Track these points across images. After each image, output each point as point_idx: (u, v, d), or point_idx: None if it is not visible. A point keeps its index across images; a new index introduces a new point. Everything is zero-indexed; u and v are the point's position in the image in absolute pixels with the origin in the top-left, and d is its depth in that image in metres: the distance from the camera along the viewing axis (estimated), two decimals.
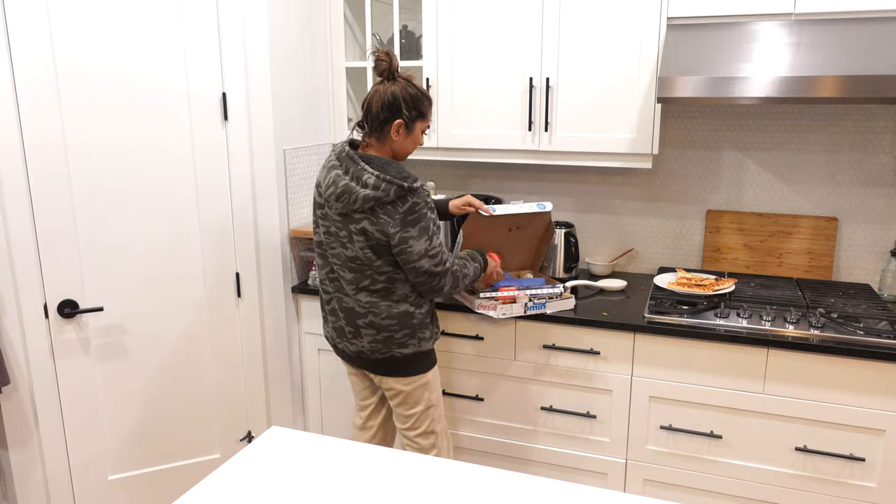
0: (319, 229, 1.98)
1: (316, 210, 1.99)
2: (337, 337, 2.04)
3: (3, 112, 1.96)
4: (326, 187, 1.89)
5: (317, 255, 2.04)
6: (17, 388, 2.13)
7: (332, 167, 1.90)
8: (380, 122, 1.87)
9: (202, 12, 2.15)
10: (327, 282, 2.01)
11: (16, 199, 2.02)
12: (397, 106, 1.85)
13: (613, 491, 1.28)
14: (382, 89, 1.86)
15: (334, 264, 1.96)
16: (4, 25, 1.92)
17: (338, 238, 1.91)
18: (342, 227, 1.89)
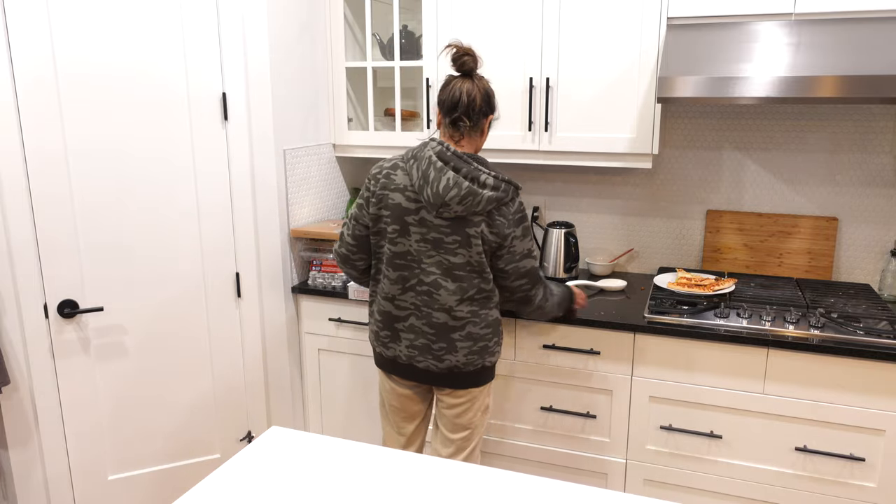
0: (409, 238, 1.82)
1: (402, 217, 1.82)
2: (419, 355, 1.90)
3: (4, 112, 1.96)
4: (444, 190, 1.75)
5: (388, 268, 1.87)
6: (17, 388, 2.13)
7: (439, 168, 1.76)
8: (481, 116, 1.86)
9: (202, 12, 2.15)
10: (404, 296, 1.87)
11: (16, 199, 2.02)
12: (493, 101, 1.88)
13: (613, 491, 1.28)
14: (478, 85, 1.83)
15: (430, 274, 1.83)
16: (4, 26, 1.92)
17: (442, 245, 1.81)
18: (452, 231, 1.79)
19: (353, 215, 1.94)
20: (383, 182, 1.84)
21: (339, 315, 2.54)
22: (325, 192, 2.73)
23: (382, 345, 1.96)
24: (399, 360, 1.94)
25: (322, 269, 2.55)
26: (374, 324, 1.98)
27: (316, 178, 2.66)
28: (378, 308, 1.94)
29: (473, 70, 1.85)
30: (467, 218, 1.78)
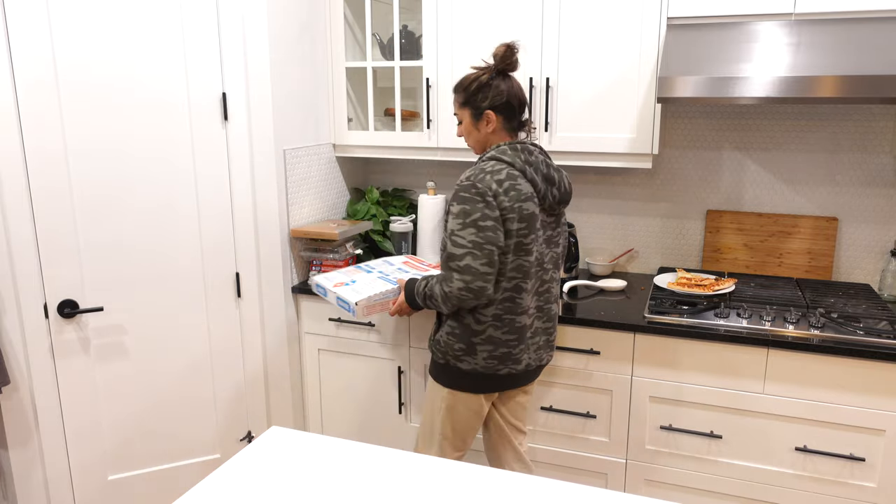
0: (537, 243, 1.81)
1: (533, 223, 1.77)
2: (536, 359, 1.92)
3: (4, 112, 1.96)
4: (569, 187, 1.91)
5: (526, 281, 1.79)
6: (17, 388, 2.13)
7: (555, 168, 1.87)
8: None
9: (202, 12, 2.15)
10: (532, 300, 1.85)
11: (16, 199, 2.02)
12: None
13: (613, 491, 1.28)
14: (518, 83, 1.87)
15: (548, 271, 1.89)
16: (4, 26, 1.92)
17: (552, 240, 1.90)
18: (556, 224, 1.92)
19: (483, 241, 1.70)
20: (513, 195, 1.73)
21: (340, 315, 2.54)
22: (325, 192, 2.73)
23: (515, 361, 1.86)
24: (528, 367, 1.91)
25: (322, 269, 2.55)
26: (503, 345, 1.83)
27: (316, 178, 2.66)
28: (510, 327, 1.82)
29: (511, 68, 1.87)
30: (560, 208, 1.92)
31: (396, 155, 2.67)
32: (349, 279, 2.12)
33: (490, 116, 1.82)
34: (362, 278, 2.13)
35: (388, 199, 2.91)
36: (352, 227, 2.56)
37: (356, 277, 2.13)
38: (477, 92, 1.82)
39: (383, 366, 2.52)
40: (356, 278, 2.12)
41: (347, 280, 2.10)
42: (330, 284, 2.08)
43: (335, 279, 2.13)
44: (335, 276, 2.18)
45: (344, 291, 2.02)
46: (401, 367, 2.49)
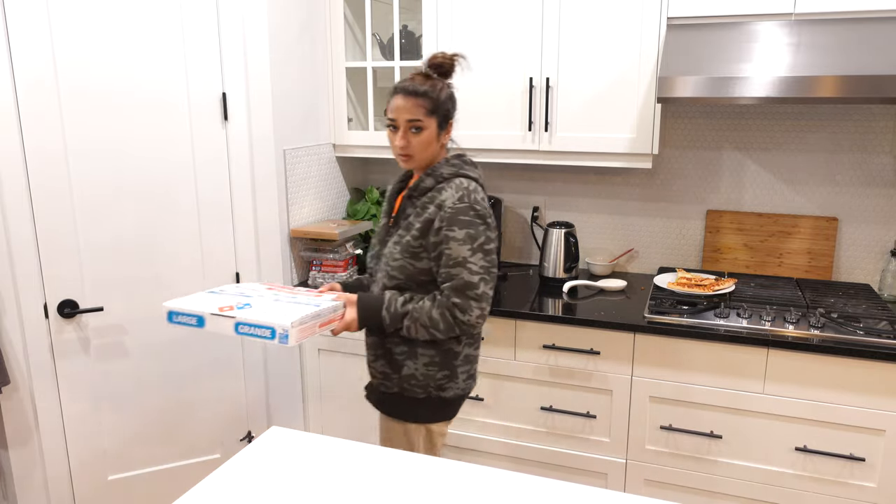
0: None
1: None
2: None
3: (4, 112, 1.96)
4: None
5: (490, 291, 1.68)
6: (17, 388, 2.13)
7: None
8: None
9: (202, 13, 2.15)
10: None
11: (16, 199, 2.02)
12: None
13: (613, 491, 1.28)
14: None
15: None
16: (5, 26, 1.92)
17: None
18: None
19: (490, 265, 1.65)
20: (491, 212, 1.70)
21: None
22: (325, 192, 2.73)
23: (473, 381, 1.83)
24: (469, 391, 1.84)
25: (322, 269, 2.55)
26: (475, 361, 1.80)
27: (316, 178, 2.66)
28: (477, 342, 1.80)
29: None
30: None
31: None
32: (235, 302, 1.64)
33: (448, 127, 1.72)
34: (253, 300, 1.68)
35: None
36: (352, 227, 2.56)
37: (241, 300, 1.66)
38: (448, 99, 1.69)
39: None
40: (243, 301, 1.66)
41: (235, 303, 1.64)
42: (212, 308, 1.60)
43: (210, 302, 1.64)
44: (203, 299, 1.66)
45: (257, 315, 1.56)
46: None
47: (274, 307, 1.60)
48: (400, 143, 1.66)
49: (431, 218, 1.64)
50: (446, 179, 1.68)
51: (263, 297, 1.67)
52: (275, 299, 1.66)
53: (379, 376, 1.77)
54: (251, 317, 1.54)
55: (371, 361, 1.80)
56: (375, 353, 1.78)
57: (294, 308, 1.59)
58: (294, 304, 1.62)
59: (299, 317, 1.53)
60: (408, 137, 1.66)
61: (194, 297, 1.66)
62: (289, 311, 1.57)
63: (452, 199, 1.63)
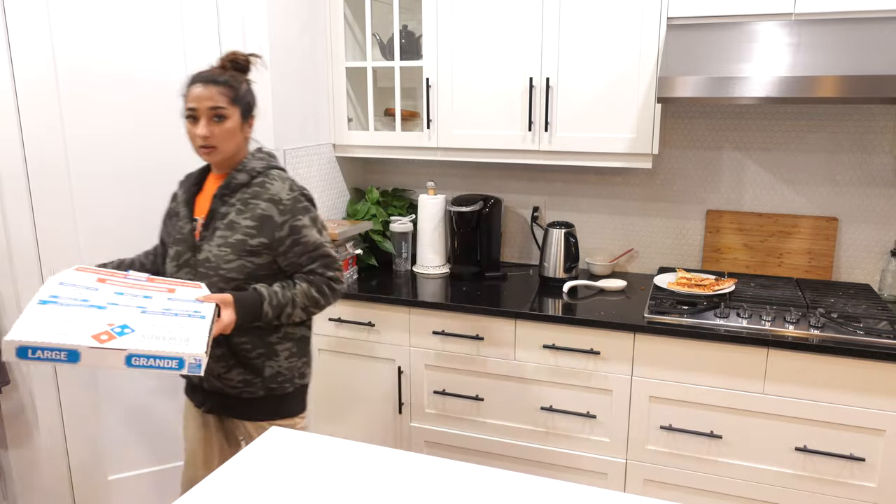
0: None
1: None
2: None
3: (4, 112, 1.96)
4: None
5: None
6: (17, 388, 2.13)
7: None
8: None
9: (202, 12, 2.15)
10: None
11: (16, 198, 2.02)
12: None
13: (613, 491, 1.28)
14: None
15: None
16: (5, 26, 1.92)
17: None
18: None
19: (329, 240, 1.78)
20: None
21: (339, 315, 2.54)
22: (325, 192, 2.73)
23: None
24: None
25: None
26: (309, 356, 1.85)
27: (316, 178, 2.66)
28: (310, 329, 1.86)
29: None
30: None
31: (396, 155, 2.67)
32: (105, 322, 1.36)
33: (250, 121, 1.71)
34: (125, 314, 1.40)
35: (388, 199, 2.91)
36: (352, 227, 2.56)
37: (112, 319, 1.38)
38: (249, 92, 1.68)
39: (383, 366, 2.52)
40: (116, 320, 1.38)
41: (106, 324, 1.35)
42: (85, 338, 1.30)
43: (72, 325, 1.33)
44: (54, 319, 1.33)
45: (152, 343, 1.33)
46: (401, 367, 2.49)
47: (161, 325, 1.39)
48: (202, 132, 1.59)
49: (268, 213, 1.64)
50: (261, 173, 1.69)
51: (130, 309, 1.42)
52: (145, 310, 1.43)
53: (238, 385, 1.72)
54: (145, 346, 1.31)
55: (223, 374, 1.71)
56: (227, 364, 1.70)
57: (184, 324, 1.41)
58: (178, 318, 1.43)
59: (205, 339, 1.37)
60: (210, 127, 1.60)
61: (40, 318, 1.31)
62: (182, 329, 1.39)
63: (284, 191, 1.66)
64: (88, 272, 1.53)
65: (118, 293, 1.46)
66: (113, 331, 1.34)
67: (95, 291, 1.45)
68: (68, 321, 1.33)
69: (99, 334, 1.32)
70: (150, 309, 1.44)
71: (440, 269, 2.73)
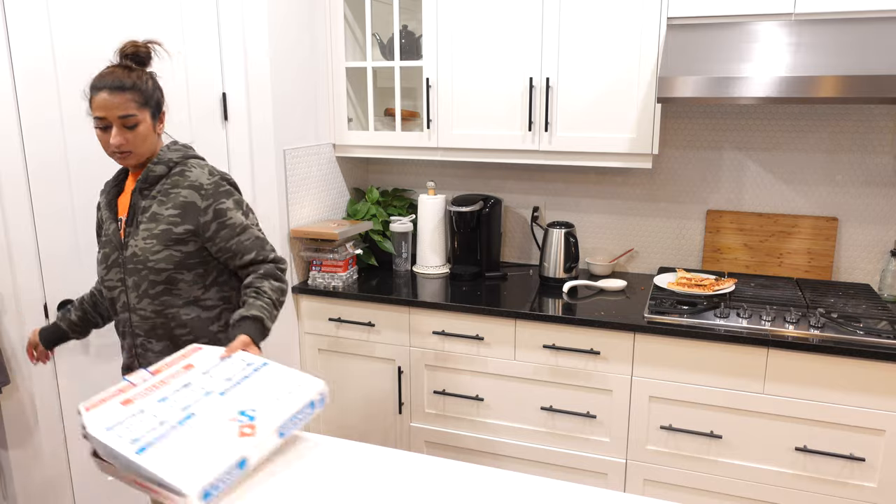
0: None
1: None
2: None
3: (4, 112, 1.96)
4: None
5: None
6: (17, 388, 2.13)
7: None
8: None
9: (202, 12, 2.15)
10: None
11: (16, 198, 2.02)
12: None
13: (613, 491, 1.28)
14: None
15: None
16: (4, 26, 1.92)
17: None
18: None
19: (255, 223, 1.73)
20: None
21: (339, 315, 2.54)
22: (325, 192, 2.73)
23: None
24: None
25: (322, 269, 2.55)
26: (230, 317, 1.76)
27: (316, 178, 2.66)
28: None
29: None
30: None
31: (396, 155, 2.67)
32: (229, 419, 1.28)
33: (161, 117, 1.68)
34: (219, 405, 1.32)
35: (388, 199, 2.92)
36: (352, 227, 2.56)
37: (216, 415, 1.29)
38: (156, 88, 1.65)
39: (383, 366, 2.52)
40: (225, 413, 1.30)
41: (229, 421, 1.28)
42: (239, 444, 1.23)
43: (219, 443, 1.23)
44: (201, 453, 1.20)
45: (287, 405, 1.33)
46: (401, 367, 2.49)
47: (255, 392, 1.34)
48: (116, 141, 1.57)
49: (190, 200, 1.64)
50: (178, 163, 1.68)
51: (210, 399, 1.33)
52: (223, 392, 1.35)
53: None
54: (282, 414, 1.30)
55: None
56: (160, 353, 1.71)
57: (265, 378, 1.39)
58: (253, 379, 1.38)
59: (303, 374, 1.41)
60: (124, 135, 1.58)
61: (174, 464, 1.17)
62: (271, 382, 1.37)
63: (204, 176, 1.65)
64: (104, 403, 1.32)
65: (162, 399, 1.33)
66: (242, 423, 1.28)
67: (152, 415, 1.29)
68: (196, 446, 1.21)
69: (240, 432, 1.26)
70: (218, 390, 1.36)
71: (440, 269, 2.73)
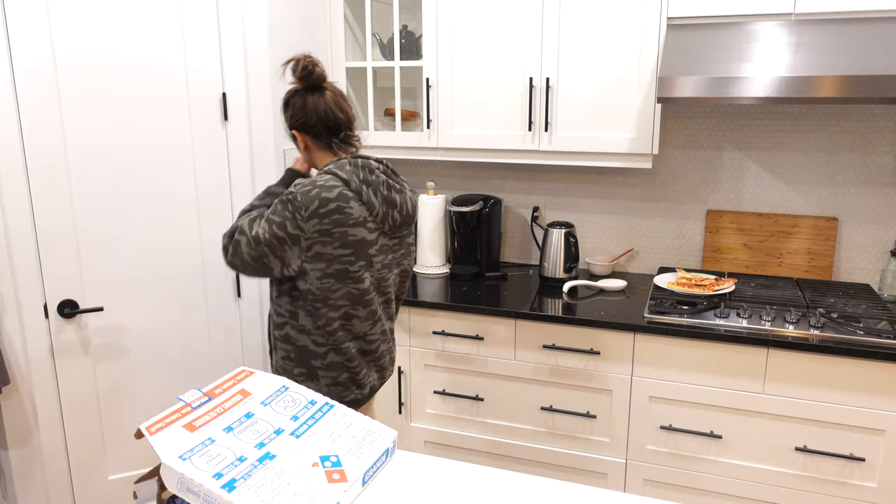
0: (374, 268, 1.67)
1: (363, 249, 1.63)
2: (379, 379, 1.82)
3: (3, 112, 1.96)
4: (413, 210, 1.75)
5: (358, 307, 1.67)
6: (17, 388, 2.13)
7: (398, 190, 1.72)
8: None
9: (202, 12, 2.15)
10: (372, 328, 1.73)
11: (16, 198, 2.02)
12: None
13: (613, 491, 1.28)
14: (330, 97, 1.77)
15: (387, 294, 1.76)
16: (4, 25, 1.92)
17: (395, 263, 1.76)
18: (399, 246, 1.76)
19: (263, 241, 1.61)
20: (337, 218, 1.59)
21: None
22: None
23: (359, 386, 1.76)
24: (373, 390, 1.82)
25: None
26: (345, 371, 1.72)
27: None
28: (347, 355, 1.71)
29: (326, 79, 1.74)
30: (409, 227, 1.78)
31: (396, 155, 2.67)
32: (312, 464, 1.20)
33: (297, 137, 1.73)
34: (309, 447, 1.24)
35: None
36: None
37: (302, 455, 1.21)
38: (284, 112, 1.74)
39: None
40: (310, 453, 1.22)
41: (325, 465, 1.20)
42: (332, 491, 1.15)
43: (309, 493, 1.13)
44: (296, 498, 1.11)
45: (368, 453, 1.27)
46: (401, 367, 2.49)
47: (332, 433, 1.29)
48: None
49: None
50: (320, 175, 1.68)
51: (286, 441, 1.24)
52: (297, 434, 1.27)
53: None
54: (365, 459, 1.25)
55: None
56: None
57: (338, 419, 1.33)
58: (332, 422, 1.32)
59: (374, 421, 1.35)
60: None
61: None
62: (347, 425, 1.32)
63: (298, 182, 1.65)
64: (167, 426, 1.25)
65: (227, 429, 1.26)
66: (329, 470, 1.22)
67: (226, 448, 1.23)
68: (287, 490, 1.14)
69: (329, 478, 1.20)
70: (289, 429, 1.29)
71: (440, 269, 2.73)
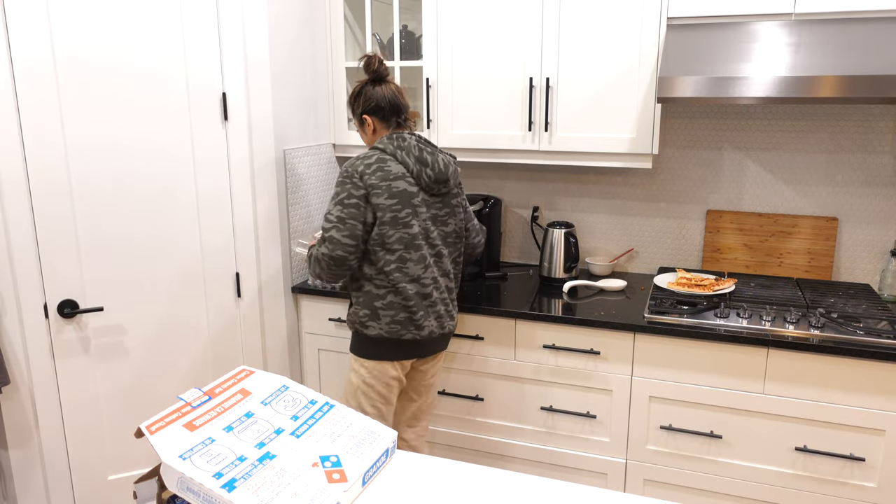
0: (420, 217, 1.97)
1: (407, 199, 1.94)
2: (438, 326, 2.04)
3: (3, 112, 1.96)
4: (445, 167, 2.00)
5: (409, 251, 1.96)
6: (17, 388, 2.13)
7: (430, 152, 1.99)
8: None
9: (202, 12, 2.15)
10: (424, 272, 1.99)
11: (16, 198, 2.02)
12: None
13: (613, 491, 1.28)
14: (394, 87, 2.06)
15: (436, 245, 2.02)
16: (4, 25, 1.92)
17: (439, 219, 2.03)
18: (441, 204, 2.03)
19: (346, 216, 1.91)
20: (380, 174, 1.93)
21: (339, 315, 2.54)
22: (325, 193, 2.73)
23: (417, 327, 2.00)
24: (432, 335, 2.04)
25: None
26: (403, 310, 1.98)
27: (316, 178, 2.66)
28: (405, 294, 1.97)
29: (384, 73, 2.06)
30: (451, 191, 2.06)
31: None
32: (312, 464, 1.19)
33: (367, 120, 2.04)
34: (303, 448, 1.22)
35: None
36: None
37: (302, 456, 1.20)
38: (354, 102, 2.06)
39: None
40: (309, 454, 1.21)
41: (324, 464, 1.20)
42: (333, 492, 1.15)
43: (311, 492, 1.12)
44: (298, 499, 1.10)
45: (368, 454, 1.27)
46: None
47: (331, 433, 1.28)
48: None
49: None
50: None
51: (285, 440, 1.24)
52: (296, 434, 1.26)
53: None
54: (365, 459, 1.25)
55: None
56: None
57: (339, 419, 1.33)
58: (331, 420, 1.32)
59: (377, 423, 1.36)
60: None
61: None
62: (346, 423, 1.32)
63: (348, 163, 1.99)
64: (167, 425, 1.22)
65: (227, 429, 1.23)
66: (329, 470, 1.21)
67: (226, 447, 1.18)
68: (287, 490, 1.12)
69: (329, 478, 1.19)
70: (289, 429, 1.28)
71: None
